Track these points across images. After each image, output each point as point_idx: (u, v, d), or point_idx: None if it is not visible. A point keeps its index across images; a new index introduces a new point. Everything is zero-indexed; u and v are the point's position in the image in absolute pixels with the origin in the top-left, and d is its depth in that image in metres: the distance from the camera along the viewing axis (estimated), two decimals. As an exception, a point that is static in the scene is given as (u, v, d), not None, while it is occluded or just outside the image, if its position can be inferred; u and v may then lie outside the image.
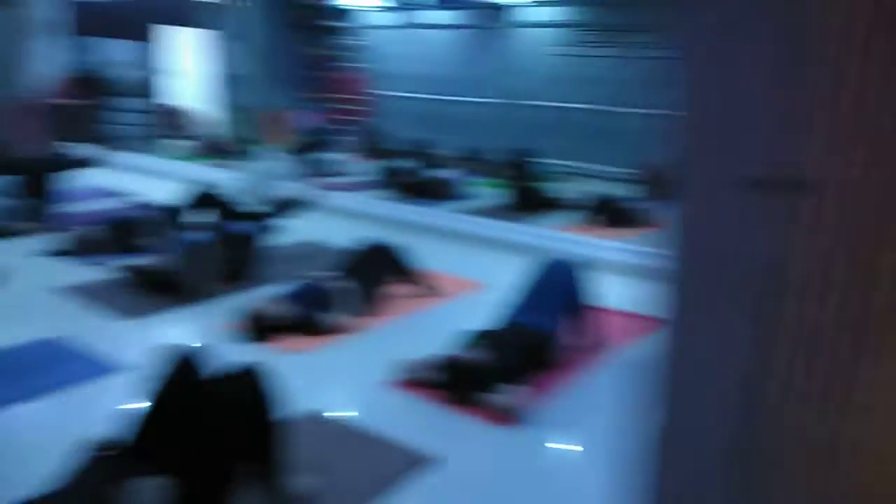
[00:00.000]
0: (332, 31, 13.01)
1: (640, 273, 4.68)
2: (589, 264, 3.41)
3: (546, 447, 2.58)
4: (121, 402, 2.72)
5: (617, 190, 6.74)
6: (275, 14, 7.52)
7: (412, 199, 6.90)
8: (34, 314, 3.54)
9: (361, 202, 6.47)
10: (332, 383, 2.96)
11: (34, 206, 5.14)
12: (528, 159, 8.48)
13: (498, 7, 10.63)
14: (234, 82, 11.03)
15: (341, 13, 12.48)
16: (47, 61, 9.48)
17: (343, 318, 3.47)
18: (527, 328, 3.04)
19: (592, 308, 3.34)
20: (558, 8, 10.46)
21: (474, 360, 2.77)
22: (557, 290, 3.19)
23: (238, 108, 9.93)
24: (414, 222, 5.84)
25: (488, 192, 8.05)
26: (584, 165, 10.24)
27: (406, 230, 5.45)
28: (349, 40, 13.13)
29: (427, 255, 4.23)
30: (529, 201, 6.89)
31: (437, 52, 11.96)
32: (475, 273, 4.58)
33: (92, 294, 3.82)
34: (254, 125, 8.13)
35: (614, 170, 9.99)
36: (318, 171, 8.25)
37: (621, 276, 4.32)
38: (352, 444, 2.44)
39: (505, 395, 2.66)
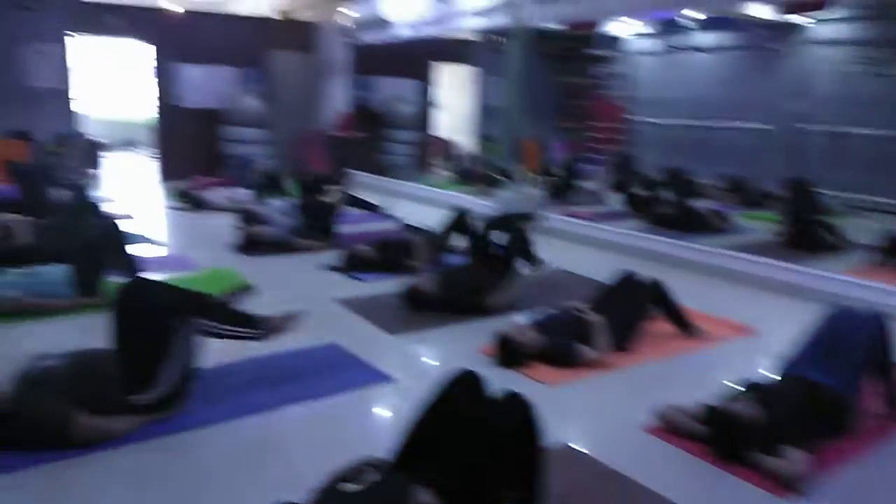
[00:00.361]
0: (589, 59, 13.00)
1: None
2: (886, 315, 2.90)
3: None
4: (391, 411, 2.91)
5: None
6: (530, 45, 7.72)
7: (669, 231, 6.54)
8: (315, 322, 3.95)
9: (614, 233, 6.28)
10: (583, 419, 2.86)
11: (318, 226, 5.79)
12: (803, 190, 7.60)
13: (766, 26, 9.76)
14: (490, 114, 11.54)
15: (598, 41, 12.41)
16: (334, 98, 10.80)
17: (595, 353, 3.35)
18: (812, 384, 2.65)
19: (892, 367, 2.84)
20: (840, 25, 9.31)
21: (745, 414, 2.48)
22: (855, 344, 2.73)
23: (493, 139, 10.34)
24: (671, 256, 5.51)
25: (755, 225, 7.36)
26: (872, 198, 8.91)
27: (662, 264, 5.17)
28: (606, 68, 13.01)
29: (687, 292, 3.95)
30: (806, 237, 6.15)
31: (698, 76, 11.32)
32: (742, 316, 4.16)
33: (363, 308, 4.17)
34: (508, 154, 8.38)
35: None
36: (571, 200, 8.22)
37: None
38: (607, 485, 2.32)
39: (784, 460, 2.33)
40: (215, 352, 2.91)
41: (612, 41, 12.46)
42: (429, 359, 3.59)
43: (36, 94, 8.57)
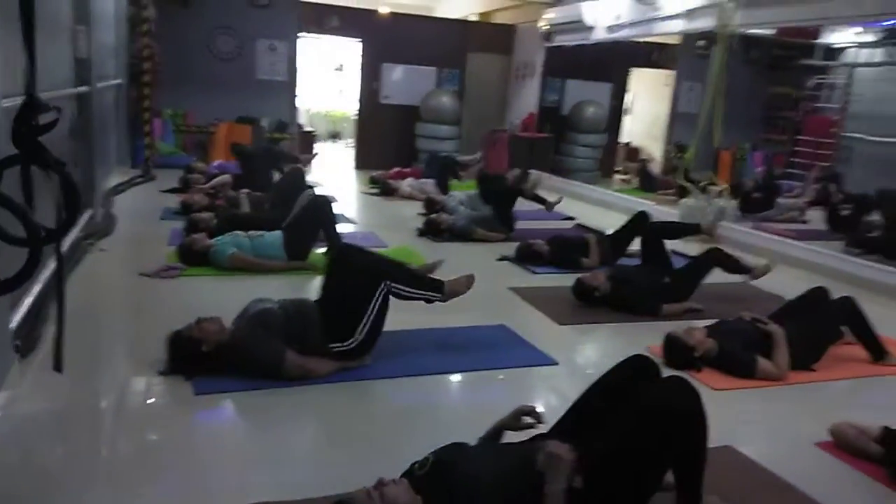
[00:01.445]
0: (800, 68, 12.11)
1: None
2: None
3: None
4: (553, 390, 3.06)
5: None
6: (736, 52, 7.40)
7: (874, 255, 5.98)
8: (488, 305, 4.19)
9: (809, 251, 5.89)
10: (749, 426, 2.80)
11: (497, 219, 6.05)
12: None
13: None
14: (685, 120, 11.15)
15: (811, 50, 11.53)
16: (525, 99, 11.05)
17: (772, 366, 3.23)
18: None
19: None
20: None
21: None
22: None
23: (685, 146, 10.00)
24: (872, 280, 5.08)
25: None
26: None
27: (861, 288, 4.78)
28: (820, 79, 12.05)
29: (886, 320, 3.67)
30: None
31: (930, 91, 10.13)
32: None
33: (533, 297, 4.33)
34: (700, 163, 8.10)
35: None
36: (765, 215, 7.78)
37: None
38: (770, 492, 2.28)
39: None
40: (400, 318, 3.23)
41: (827, 51, 11.51)
42: (594, 349, 3.68)
43: (264, 86, 9.73)
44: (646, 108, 12.60)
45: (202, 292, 4.07)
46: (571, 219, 7.19)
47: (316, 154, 9.35)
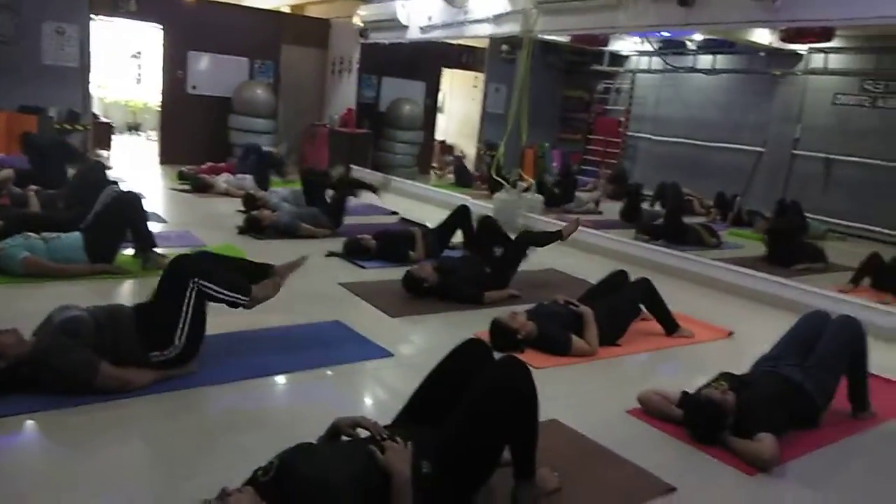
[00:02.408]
0: (591, 73, 13.26)
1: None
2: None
3: (788, 502, 2.42)
4: (391, 382, 3.10)
5: (892, 254, 5.98)
6: (537, 56, 7.94)
7: (659, 242, 6.77)
8: (320, 301, 4.14)
9: (605, 239, 6.50)
10: (570, 400, 3.03)
11: (324, 214, 5.97)
12: (788, 212, 7.86)
13: (766, 52, 10.04)
14: (493, 120, 11.73)
15: (600, 56, 12.68)
16: (341, 95, 10.99)
17: (585, 343, 3.54)
18: (783, 377, 2.86)
19: (865, 372, 3.05)
20: (837, 55, 9.59)
21: (718, 399, 2.67)
22: (829, 345, 2.94)
23: (494, 145, 10.53)
24: (660, 264, 5.74)
25: (740, 242, 7.62)
26: (858, 225, 9.20)
27: (651, 271, 5.37)
28: (608, 83, 13.28)
29: (673, 297, 4.16)
30: (787, 255, 6.39)
31: (696, 96, 11.60)
32: (723, 321, 4.38)
33: (364, 292, 4.35)
34: (509, 160, 8.58)
35: (891, 232, 8.86)
36: (566, 207, 8.44)
37: (889, 345, 4.03)
38: (593, 458, 2.51)
39: (754, 442, 2.54)
40: (227, 319, 3.08)
41: (614, 57, 12.73)
42: (427, 338, 3.78)
43: (51, 72, 8.70)
44: (458, 107, 13.12)
45: (-11, 303, 3.58)
46: (395, 213, 7.29)
47: (106, 159, 8.52)
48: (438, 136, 12.88)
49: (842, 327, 3.03)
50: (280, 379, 3.02)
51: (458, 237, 5.61)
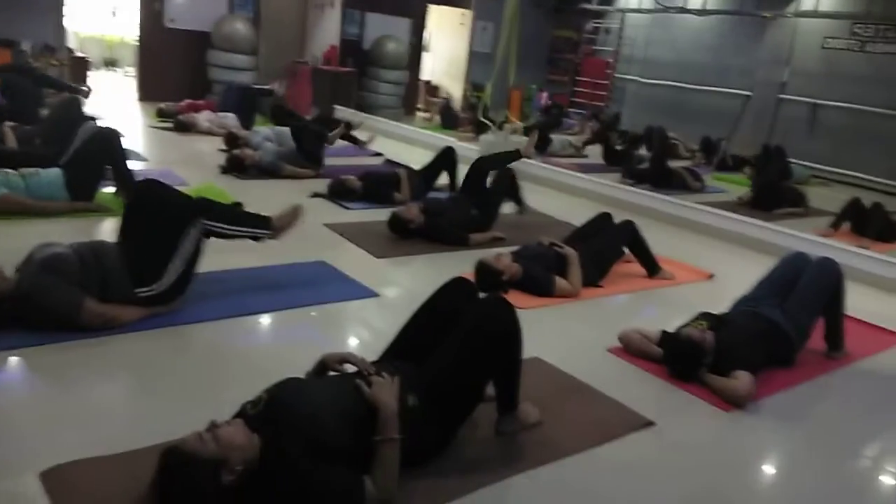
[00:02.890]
0: (581, 13, 13.00)
1: (887, 287, 4.26)
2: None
3: (761, 436, 2.50)
4: (377, 321, 3.13)
5: (873, 199, 6.05)
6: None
7: (644, 185, 6.79)
8: (304, 242, 4.12)
9: (589, 181, 6.50)
10: (553, 339, 3.08)
11: (305, 154, 5.89)
12: (773, 157, 7.89)
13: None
14: (479, 60, 11.52)
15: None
16: (324, 31, 10.70)
17: (569, 284, 3.58)
18: (761, 317, 2.92)
19: (841, 314, 3.13)
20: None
21: (696, 337, 2.73)
22: (807, 286, 3.00)
23: (481, 85, 10.38)
24: (645, 208, 5.76)
25: (724, 186, 7.67)
26: (840, 170, 9.27)
27: (634, 214, 5.40)
28: (597, 23, 13.03)
29: (655, 240, 4.19)
30: (771, 199, 6.45)
31: (685, 38, 11.45)
32: (704, 264, 4.45)
33: (349, 233, 4.34)
34: (494, 102, 8.48)
35: (874, 178, 8.94)
36: (551, 150, 8.40)
37: (865, 288, 4.16)
38: (574, 394, 2.57)
39: (730, 379, 2.61)
40: (213, 259, 3.07)
41: (605, -4, 12.47)
42: (412, 279, 3.80)
43: (22, 3, 8.37)
44: (444, 46, 12.83)
45: (-33, 240, 3.53)
46: (380, 154, 7.22)
47: (89, 90, 8.29)
48: (424, 76, 12.64)
49: (820, 269, 3.08)
50: (265, 318, 3.04)
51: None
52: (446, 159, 5.50)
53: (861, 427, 2.65)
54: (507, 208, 4.88)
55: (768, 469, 2.38)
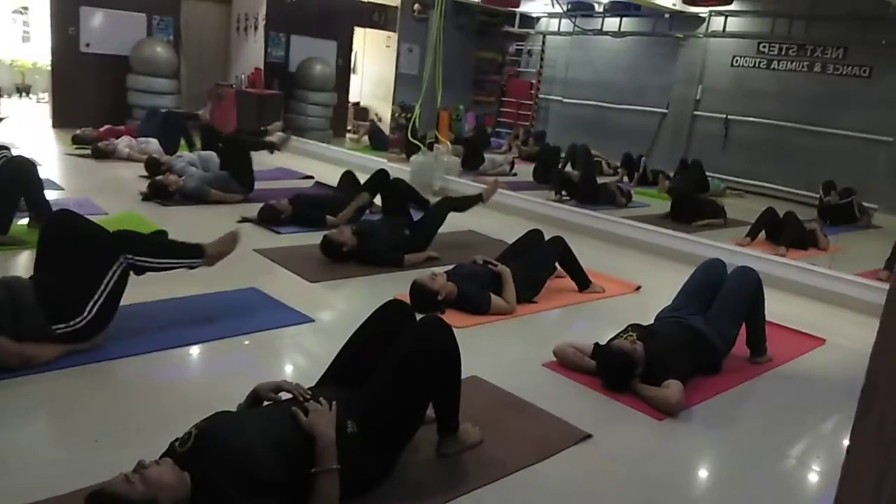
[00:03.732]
0: (503, 35, 13.30)
1: (803, 293, 4.49)
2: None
3: (694, 443, 2.58)
4: (312, 347, 3.07)
5: (786, 209, 6.39)
6: (448, 19, 7.87)
7: (569, 201, 6.96)
8: (234, 269, 4.01)
9: (520, 200, 6.62)
10: (489, 357, 3.10)
11: (233, 178, 5.76)
12: (690, 170, 8.24)
13: (670, 15, 10.36)
14: (406, 82, 11.60)
15: (513, 17, 12.73)
16: (249, 54, 10.56)
17: (504, 302, 3.62)
18: (687, 328, 3.03)
19: (762, 319, 3.28)
20: (743, 19, 10.01)
21: (627, 348, 2.80)
22: (728, 294, 3.13)
23: (409, 107, 10.44)
24: (571, 223, 5.90)
25: (646, 200, 7.94)
26: (753, 182, 9.76)
27: (563, 230, 5.53)
28: (519, 45, 13.35)
29: (583, 255, 4.29)
30: (689, 212, 6.72)
31: (603, 59, 11.86)
32: (631, 276, 4.58)
33: (281, 258, 4.26)
34: (424, 122, 8.55)
35: (785, 188, 9.45)
36: (479, 169, 8.51)
37: (783, 294, 4.34)
38: (513, 410, 2.58)
39: (661, 388, 2.69)
40: (137, 289, 2.95)
41: (525, 19, 12.80)
42: (347, 303, 3.76)
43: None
44: (371, 68, 12.87)
45: None
46: (310, 177, 7.14)
47: (5, 117, 7.89)
48: (352, 97, 12.63)
49: (740, 278, 3.22)
50: (194, 349, 2.94)
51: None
52: (380, 182, 5.48)
53: (787, 429, 2.77)
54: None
55: (703, 475, 2.46)
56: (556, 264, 4.08)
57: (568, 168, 8.85)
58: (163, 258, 2.86)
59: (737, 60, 10.15)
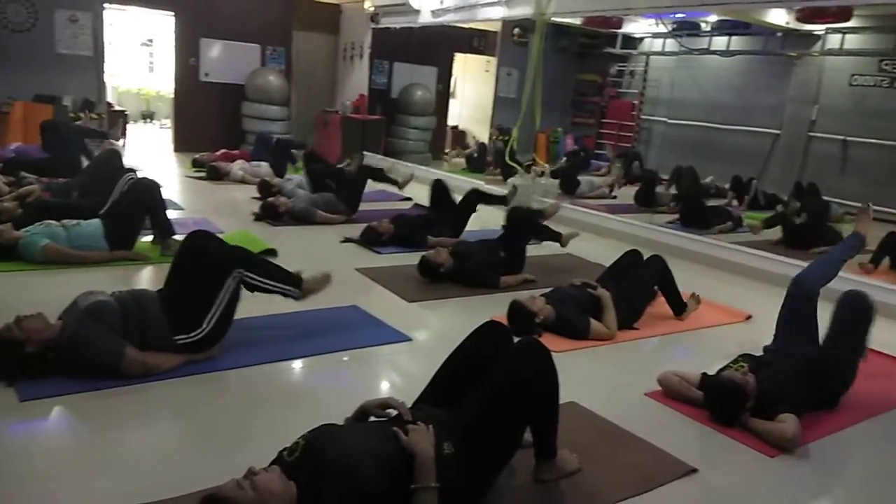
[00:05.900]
0: (604, 56, 13.15)
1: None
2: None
3: (811, 483, 2.41)
4: (410, 365, 3.12)
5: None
6: (547, 40, 7.87)
7: (674, 225, 6.74)
8: (337, 287, 4.14)
9: (619, 223, 6.48)
10: (589, 383, 3.04)
11: (344, 196, 5.99)
12: (806, 195, 7.79)
13: (782, 33, 9.90)
14: (505, 105, 11.67)
15: (614, 39, 12.56)
16: (353, 81, 10.97)
17: (604, 327, 3.54)
18: (804, 360, 2.84)
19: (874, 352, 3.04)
20: (855, 35, 9.45)
21: (738, 380, 2.67)
22: (848, 328, 2.92)
23: (507, 130, 10.49)
24: (676, 247, 5.71)
25: (757, 224, 7.55)
26: (874, 207, 9.09)
27: (666, 254, 5.37)
28: (621, 66, 13.16)
29: (689, 281, 4.15)
30: (805, 238, 6.34)
31: (711, 78, 11.47)
32: (742, 304, 4.37)
33: (381, 277, 4.37)
34: (522, 145, 8.56)
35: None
36: (578, 192, 8.40)
37: None
38: (613, 440, 2.51)
39: (775, 423, 2.54)
40: (247, 305, 3.10)
41: (627, 40, 12.60)
42: (443, 323, 3.79)
43: (65, 61, 8.75)
44: (470, 92, 13.04)
45: (12, 289, 3.63)
46: (409, 199, 7.29)
47: (121, 138, 8.54)
48: (451, 121, 12.84)
49: (853, 308, 2.98)
50: (299, 363, 3.05)
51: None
52: (473, 201, 5.52)
53: (915, 473, 2.54)
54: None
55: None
56: (655, 289, 3.95)
57: (671, 190, 8.60)
58: (270, 280, 3.01)
59: (856, 79, 9.55)
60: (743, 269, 5.29)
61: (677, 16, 10.12)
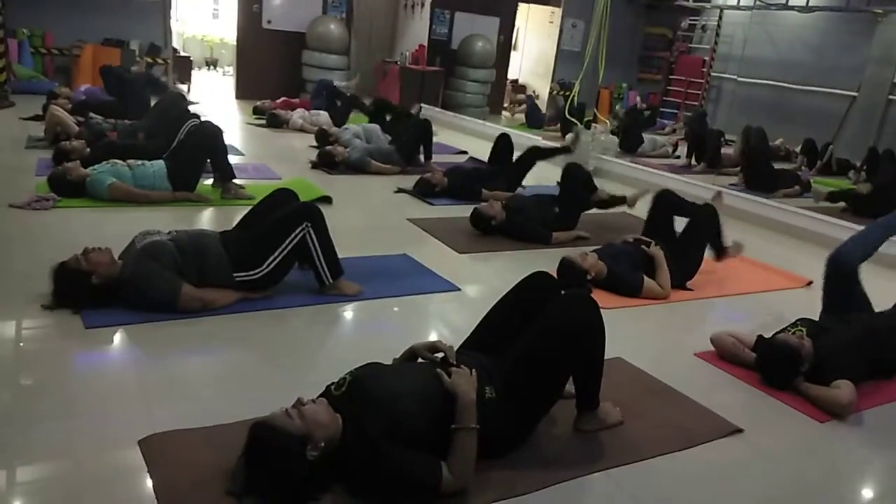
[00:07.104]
0: (675, 9, 12.62)
1: None
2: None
3: (860, 450, 2.34)
4: (457, 314, 3.15)
5: None
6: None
7: (738, 187, 6.52)
8: (389, 236, 4.20)
9: (680, 183, 6.29)
10: (637, 340, 3.01)
11: (397, 151, 6.00)
12: (879, 161, 7.40)
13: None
14: (567, 58, 11.38)
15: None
16: (413, 31, 10.86)
17: (657, 286, 3.47)
18: (865, 326, 2.74)
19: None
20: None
21: (794, 343, 2.60)
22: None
23: (568, 84, 10.25)
24: (739, 211, 5.53)
25: (827, 189, 7.24)
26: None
27: (730, 218, 5.21)
28: (693, 20, 12.62)
29: (753, 245, 4.01)
30: (881, 206, 6.03)
31: (788, 36, 10.91)
32: (803, 270, 4.21)
33: (432, 228, 4.38)
34: (583, 101, 8.35)
35: None
36: (639, 151, 8.19)
37: None
38: (657, 396, 2.49)
39: (829, 388, 2.47)
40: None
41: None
42: (493, 276, 3.79)
43: (133, 5, 8.93)
44: (532, 44, 12.74)
45: (79, 225, 3.80)
46: (464, 152, 7.25)
47: (188, 89, 8.70)
48: (511, 74, 12.60)
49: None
50: (348, 306, 3.11)
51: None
52: (530, 158, 5.45)
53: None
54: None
55: (868, 485, 2.24)
56: (709, 248, 3.83)
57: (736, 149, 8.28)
58: (323, 252, 3.01)
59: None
60: (807, 234, 5.10)
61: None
